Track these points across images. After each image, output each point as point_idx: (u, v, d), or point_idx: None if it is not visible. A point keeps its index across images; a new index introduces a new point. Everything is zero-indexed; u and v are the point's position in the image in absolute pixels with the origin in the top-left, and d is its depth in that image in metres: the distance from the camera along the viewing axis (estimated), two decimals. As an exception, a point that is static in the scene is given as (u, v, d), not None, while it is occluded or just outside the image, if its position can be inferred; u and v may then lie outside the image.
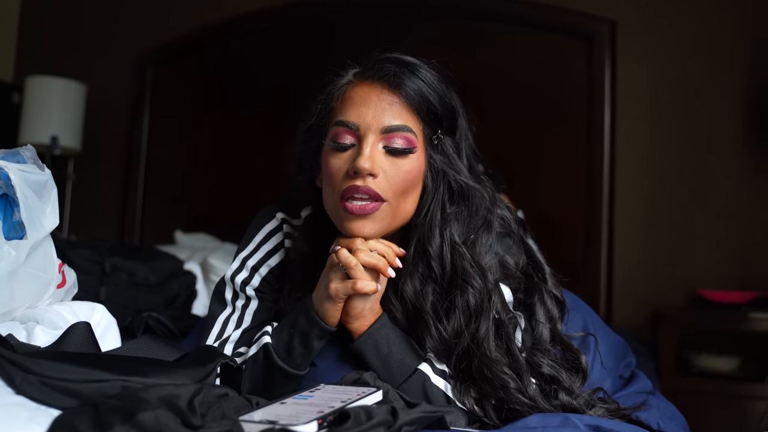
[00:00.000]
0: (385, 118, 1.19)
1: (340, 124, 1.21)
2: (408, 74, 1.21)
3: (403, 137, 1.20)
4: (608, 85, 2.88)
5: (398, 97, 1.21)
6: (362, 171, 1.16)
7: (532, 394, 1.16)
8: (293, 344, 1.19)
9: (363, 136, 1.19)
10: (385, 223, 1.21)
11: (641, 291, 2.84)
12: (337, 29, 3.34)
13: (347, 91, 1.24)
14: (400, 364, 1.18)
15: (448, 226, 1.25)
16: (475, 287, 1.21)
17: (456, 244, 1.24)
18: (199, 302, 2.45)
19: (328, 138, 1.23)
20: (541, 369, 1.21)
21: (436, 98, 1.23)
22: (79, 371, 0.90)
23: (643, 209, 2.88)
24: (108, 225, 3.90)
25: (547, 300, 1.30)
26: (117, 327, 1.33)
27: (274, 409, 0.89)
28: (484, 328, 1.19)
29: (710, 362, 2.56)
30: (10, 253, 1.14)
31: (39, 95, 3.57)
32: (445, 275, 1.24)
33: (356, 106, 1.21)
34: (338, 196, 1.20)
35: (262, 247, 1.39)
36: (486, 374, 1.16)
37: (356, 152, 1.19)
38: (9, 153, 1.25)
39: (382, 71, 1.22)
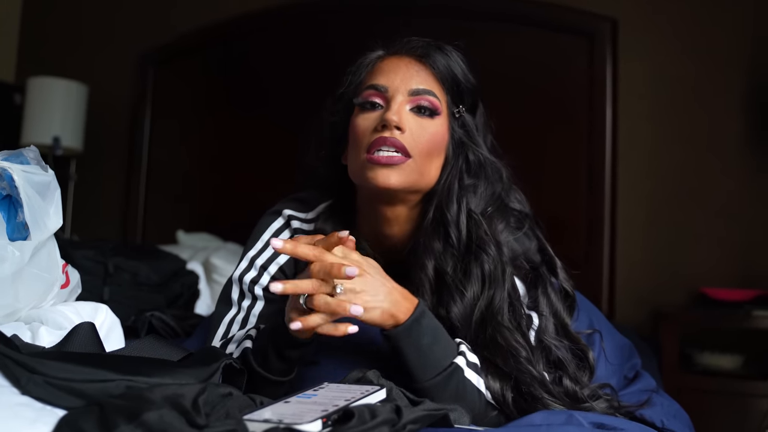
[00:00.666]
0: (413, 82, 1.26)
1: (369, 87, 1.28)
2: (435, 48, 1.29)
3: (428, 100, 1.26)
4: (610, 83, 2.88)
5: (425, 67, 1.28)
6: (390, 122, 1.21)
7: (541, 371, 1.18)
8: (268, 353, 1.16)
9: (392, 97, 1.25)
10: (410, 179, 1.24)
11: (643, 289, 2.85)
12: (332, 29, 3.34)
13: (377, 64, 1.31)
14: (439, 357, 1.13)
15: (464, 195, 1.29)
16: (490, 255, 1.25)
17: (472, 212, 1.28)
18: (201, 302, 2.45)
19: (358, 102, 1.28)
20: (550, 354, 1.23)
21: (461, 72, 1.30)
22: (84, 371, 0.90)
23: (644, 207, 2.88)
24: (110, 225, 3.90)
25: (551, 293, 1.31)
26: (121, 327, 1.33)
27: (278, 408, 0.89)
28: (498, 298, 1.23)
29: (713, 360, 2.56)
30: (14, 253, 1.14)
31: (41, 96, 3.58)
32: (461, 242, 1.27)
33: (386, 73, 1.28)
34: (364, 150, 1.23)
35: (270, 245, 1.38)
36: (499, 341, 1.19)
37: (385, 111, 1.24)
38: (12, 154, 1.25)
39: (410, 45, 1.30)
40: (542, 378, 1.17)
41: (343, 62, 1.39)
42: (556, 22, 2.97)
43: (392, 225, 1.32)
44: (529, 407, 1.14)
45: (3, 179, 1.21)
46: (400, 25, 1.42)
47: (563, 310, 1.32)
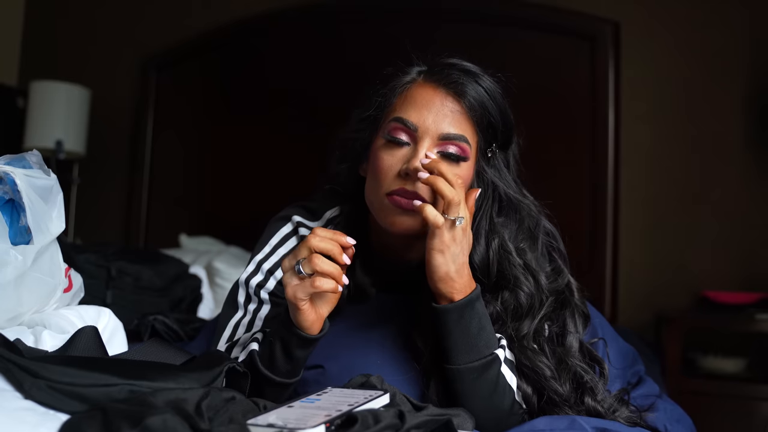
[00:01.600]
0: (444, 124, 1.20)
1: (399, 120, 1.22)
2: (473, 84, 1.23)
3: (457, 145, 1.21)
4: (612, 86, 2.88)
5: (460, 106, 1.22)
6: (415, 173, 1.17)
7: (566, 389, 1.19)
8: (275, 354, 1.16)
9: (420, 138, 1.20)
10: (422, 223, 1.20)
11: (646, 292, 2.84)
12: (333, 33, 3.34)
13: (410, 89, 1.25)
14: (484, 343, 1.15)
15: (495, 235, 1.26)
16: (526, 292, 1.24)
17: (506, 251, 1.26)
18: (204, 305, 2.45)
19: (384, 131, 1.24)
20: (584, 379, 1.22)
21: (496, 111, 1.24)
22: (87, 375, 0.90)
23: (647, 210, 2.88)
24: (113, 229, 3.90)
25: (576, 314, 1.31)
26: (123, 331, 1.33)
27: (282, 412, 0.89)
28: (527, 327, 1.23)
29: (716, 363, 2.55)
30: (17, 258, 1.14)
31: (43, 100, 3.58)
32: (489, 278, 1.25)
33: (418, 108, 1.22)
34: (384, 192, 1.21)
35: (278, 250, 1.38)
36: (525, 363, 1.19)
37: (410, 152, 1.20)
38: (15, 158, 1.25)
39: (449, 78, 1.22)
40: (567, 396, 1.18)
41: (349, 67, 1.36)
42: (558, 25, 2.97)
43: (408, 252, 1.31)
44: (551, 411, 1.16)
45: (5, 183, 1.21)
46: (397, 29, 1.40)
47: (582, 329, 1.32)
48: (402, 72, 1.29)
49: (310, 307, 1.12)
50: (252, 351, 1.19)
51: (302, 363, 1.18)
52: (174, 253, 2.83)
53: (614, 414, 1.18)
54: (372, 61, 1.51)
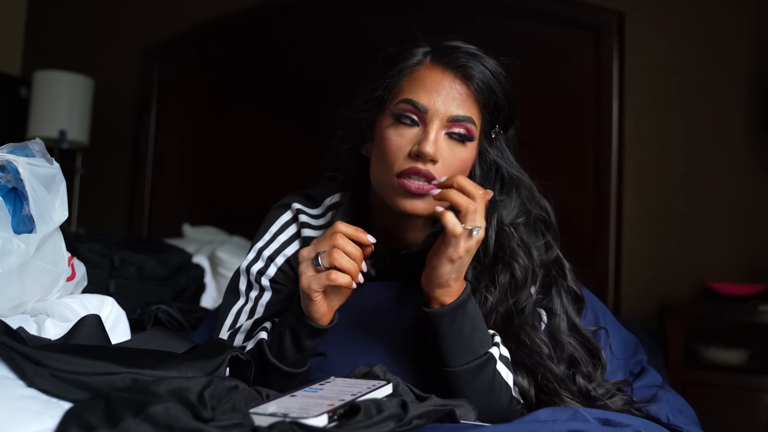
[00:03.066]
0: (453, 107, 1.22)
1: (409, 102, 1.23)
2: (480, 66, 1.24)
3: (464, 127, 1.23)
4: (616, 76, 2.87)
5: (468, 89, 1.24)
6: (426, 156, 1.19)
7: (561, 369, 1.21)
8: (284, 343, 1.18)
9: (430, 120, 1.22)
10: (434, 204, 1.22)
11: (649, 283, 2.84)
12: (327, 26, 3.33)
13: (418, 71, 1.26)
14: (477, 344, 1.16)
15: (495, 211, 1.30)
16: (521, 264, 1.27)
17: (504, 224, 1.30)
18: (207, 295, 2.45)
19: (392, 112, 1.25)
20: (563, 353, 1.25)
21: (502, 93, 1.26)
22: (90, 364, 0.90)
23: (651, 201, 2.87)
24: (116, 218, 3.91)
25: (563, 294, 1.33)
26: (126, 319, 1.33)
27: (285, 401, 0.89)
28: (524, 298, 1.25)
29: (719, 355, 2.55)
30: (20, 246, 1.14)
31: (47, 89, 3.58)
32: (487, 255, 1.28)
33: (427, 90, 1.23)
34: (394, 173, 1.22)
35: (278, 237, 1.40)
36: (523, 338, 1.22)
37: (420, 134, 1.22)
38: (18, 147, 1.25)
39: (457, 60, 1.24)
40: (562, 375, 1.20)
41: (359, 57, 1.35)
42: (562, 15, 2.96)
43: (408, 231, 1.32)
44: (549, 403, 1.17)
45: (8, 172, 1.21)
46: (403, 20, 1.40)
47: (573, 311, 1.34)
48: (408, 53, 1.29)
49: (323, 299, 1.14)
50: (261, 340, 1.21)
51: (311, 353, 1.20)
52: (177, 242, 2.83)
53: (610, 399, 1.19)
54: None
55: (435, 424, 0.90)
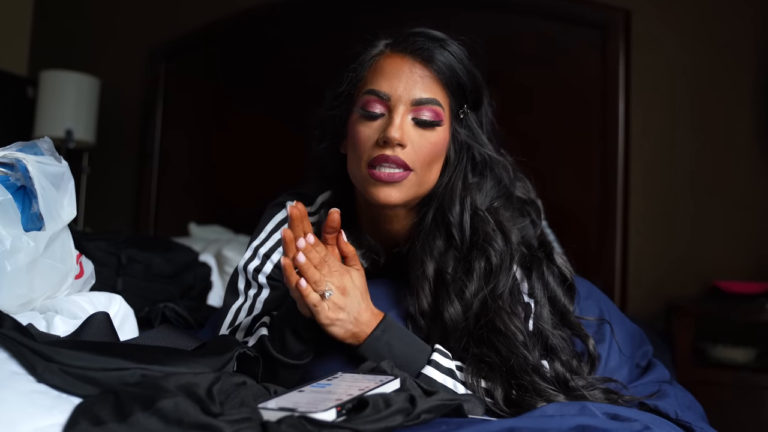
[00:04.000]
0: (416, 90, 1.24)
1: (371, 93, 1.25)
2: (439, 49, 1.25)
3: (431, 110, 1.24)
4: (622, 74, 2.86)
5: (429, 71, 1.25)
6: (392, 140, 1.20)
7: (537, 357, 1.19)
8: (286, 337, 1.19)
9: (393, 107, 1.23)
10: (411, 192, 1.25)
11: (656, 282, 2.84)
12: (325, 26, 3.33)
13: (379, 61, 1.28)
14: (404, 369, 1.14)
15: (468, 195, 1.29)
16: (497, 249, 1.25)
17: (478, 209, 1.29)
18: (214, 293, 2.46)
19: (358, 106, 1.27)
20: (548, 341, 1.23)
21: (464, 73, 1.27)
22: (99, 360, 0.91)
23: (657, 199, 2.87)
24: (122, 217, 3.92)
25: (548, 277, 1.31)
26: (134, 317, 1.34)
27: (293, 396, 0.90)
28: (502, 284, 1.24)
29: (726, 353, 2.55)
30: (29, 244, 1.15)
31: (53, 89, 3.59)
32: (464, 241, 1.27)
33: (388, 77, 1.25)
34: (365, 164, 1.24)
35: (274, 235, 1.42)
36: (498, 325, 1.20)
37: (386, 122, 1.23)
38: (27, 145, 1.26)
39: (414, 44, 1.26)
40: (537, 364, 1.18)
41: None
42: (569, 13, 2.95)
43: (392, 222, 1.34)
44: (521, 401, 1.14)
45: (17, 170, 1.22)
46: (407, 18, 1.40)
47: (563, 296, 1.31)
48: (369, 45, 1.32)
49: None
50: (262, 336, 1.22)
51: (314, 343, 1.21)
52: (183, 241, 2.84)
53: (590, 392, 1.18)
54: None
55: (443, 418, 0.90)
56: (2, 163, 1.22)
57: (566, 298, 1.31)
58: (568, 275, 1.35)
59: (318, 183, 1.45)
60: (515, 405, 1.15)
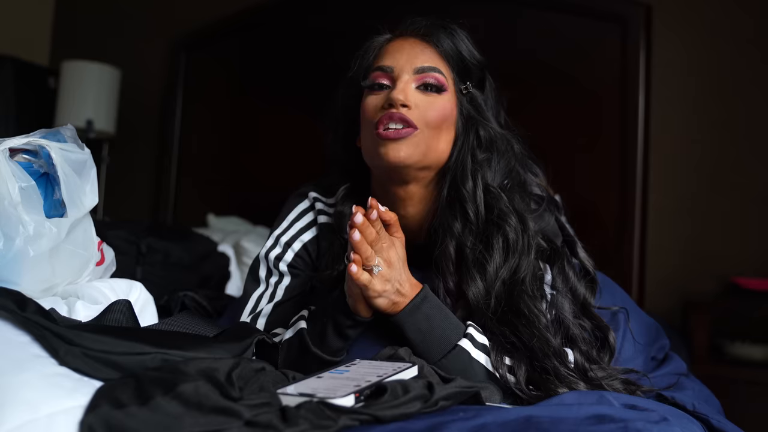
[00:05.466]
0: (418, 60, 1.29)
1: (376, 69, 1.30)
2: (440, 28, 1.32)
3: (433, 77, 1.28)
4: (643, 69, 2.84)
5: (430, 46, 1.31)
6: (396, 101, 1.24)
7: (558, 343, 1.20)
8: (327, 333, 1.21)
9: (397, 77, 1.28)
10: (419, 150, 1.25)
11: (674, 277, 2.82)
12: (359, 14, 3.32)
13: (384, 46, 1.34)
14: (440, 340, 1.17)
15: (479, 170, 1.30)
16: (512, 225, 1.26)
17: (489, 186, 1.30)
18: (232, 284, 2.47)
19: (366, 84, 1.31)
20: (569, 331, 1.23)
21: (465, 49, 1.32)
22: (120, 344, 0.92)
23: (676, 195, 2.85)
24: (141, 208, 3.94)
25: (568, 271, 1.31)
26: (154, 305, 1.35)
27: (312, 382, 0.91)
28: (524, 266, 1.25)
29: (743, 350, 2.53)
30: (51, 230, 1.16)
31: (74, 79, 3.61)
32: (479, 217, 1.28)
33: (391, 54, 1.31)
34: (374, 127, 1.26)
35: (295, 224, 1.43)
36: (521, 308, 1.21)
37: (391, 90, 1.27)
38: (50, 132, 1.27)
39: (415, 26, 1.33)
40: (558, 348, 1.18)
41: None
42: (588, 7, 2.94)
43: (407, 205, 1.34)
44: (542, 382, 1.15)
45: (41, 157, 1.23)
46: (421, 8, 1.43)
47: (584, 289, 1.31)
48: (376, 35, 1.39)
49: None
50: (302, 329, 1.23)
51: (350, 343, 1.23)
52: (202, 232, 2.85)
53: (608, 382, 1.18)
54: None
55: (461, 405, 0.91)
56: (26, 149, 1.23)
57: (588, 291, 1.31)
58: (590, 269, 1.35)
59: (337, 175, 1.46)
60: (536, 386, 1.15)
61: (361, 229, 1.12)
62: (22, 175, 1.17)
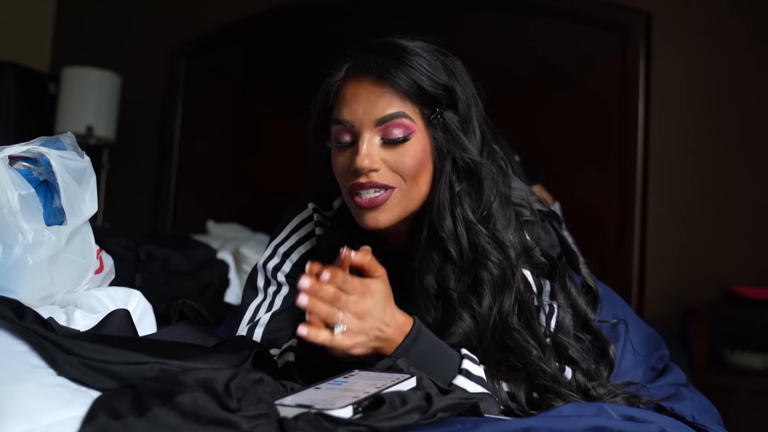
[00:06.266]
0: (377, 110, 1.19)
1: (336, 122, 1.23)
2: (393, 62, 1.20)
3: (398, 125, 1.19)
4: (642, 77, 2.85)
5: (386, 87, 1.20)
6: (362, 170, 1.18)
7: (553, 367, 1.17)
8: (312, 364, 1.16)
9: (359, 132, 1.20)
10: (399, 209, 1.22)
11: (673, 286, 2.82)
12: (360, 22, 3.33)
13: (340, 89, 1.25)
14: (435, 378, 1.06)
15: (458, 204, 1.23)
16: (495, 262, 1.21)
17: (470, 222, 1.23)
18: (231, 291, 2.47)
19: (331, 138, 1.25)
20: (568, 352, 1.21)
21: (426, 80, 1.20)
22: (119, 353, 0.92)
23: (676, 203, 2.85)
24: (141, 214, 3.95)
25: (570, 287, 1.29)
26: (153, 313, 1.35)
27: (309, 393, 0.90)
28: (508, 303, 1.20)
29: (743, 359, 2.53)
30: (51, 238, 1.16)
31: (75, 86, 3.63)
32: (463, 255, 1.22)
33: (348, 104, 1.22)
34: (348, 192, 1.23)
35: (294, 234, 1.42)
36: (509, 344, 1.18)
37: (356, 150, 1.20)
38: (50, 140, 1.27)
39: (367, 64, 1.22)
40: (554, 373, 1.16)
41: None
42: (588, 15, 2.94)
43: (393, 237, 1.32)
44: (543, 401, 1.13)
45: (40, 164, 1.23)
46: (419, 17, 1.39)
47: (585, 305, 1.29)
48: (329, 76, 1.29)
49: None
50: (289, 363, 1.20)
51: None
52: (201, 239, 2.85)
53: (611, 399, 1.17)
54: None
55: (459, 417, 0.91)
56: (25, 157, 1.23)
57: (589, 307, 1.29)
58: (592, 285, 1.32)
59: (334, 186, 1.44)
60: (537, 406, 1.14)
61: (312, 293, 1.01)
62: (21, 183, 1.17)
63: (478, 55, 1.35)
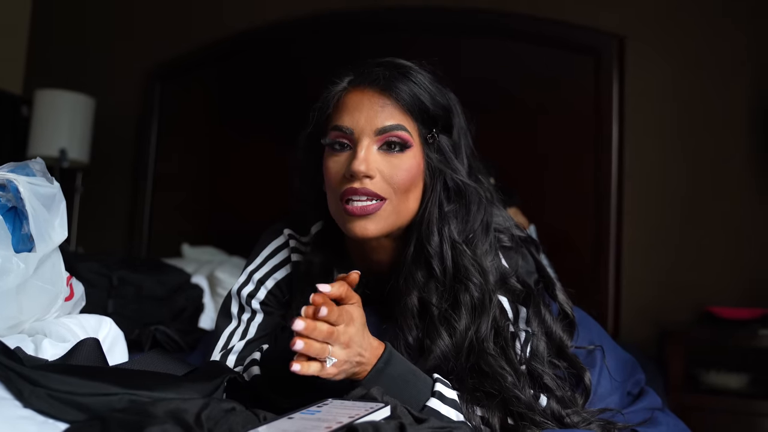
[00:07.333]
0: (378, 120, 1.21)
1: (335, 128, 1.24)
2: (398, 76, 1.23)
3: (397, 136, 1.21)
4: (616, 100, 2.88)
5: (390, 100, 1.22)
6: (358, 174, 1.19)
7: (527, 395, 1.17)
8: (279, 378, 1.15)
9: (357, 140, 1.21)
10: (388, 222, 1.22)
11: (649, 307, 2.83)
12: (332, 44, 3.34)
13: (342, 98, 1.26)
14: (408, 403, 1.06)
15: (446, 224, 1.25)
16: (476, 283, 1.22)
17: (456, 242, 1.25)
18: (206, 315, 2.45)
19: (326, 142, 1.25)
20: (542, 380, 1.21)
21: (428, 98, 1.24)
22: (86, 384, 0.90)
23: (651, 225, 2.87)
24: (115, 237, 3.91)
25: (545, 313, 1.29)
26: (124, 340, 1.33)
27: (282, 424, 0.89)
28: (485, 327, 1.21)
29: (719, 379, 2.54)
30: (19, 265, 1.14)
31: (48, 108, 3.60)
32: (446, 274, 1.24)
33: (350, 111, 1.23)
34: (338, 199, 1.22)
35: (269, 261, 1.41)
36: (484, 369, 1.18)
37: (352, 155, 1.21)
38: (18, 166, 1.25)
39: (372, 76, 1.24)
40: (529, 401, 1.16)
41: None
42: (562, 39, 2.97)
43: (378, 253, 1.31)
44: (518, 428, 1.13)
45: (8, 191, 1.21)
46: (401, 41, 1.40)
47: (561, 331, 1.30)
48: (331, 84, 1.30)
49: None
50: (255, 377, 1.19)
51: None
52: (176, 262, 2.83)
53: (586, 427, 1.17)
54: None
55: (433, 447, 0.90)
56: (-7, 184, 1.21)
57: (565, 334, 1.30)
58: (569, 312, 1.33)
59: (311, 212, 1.42)
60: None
61: (307, 333, 0.99)
62: (-11, 210, 1.16)
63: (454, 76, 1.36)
